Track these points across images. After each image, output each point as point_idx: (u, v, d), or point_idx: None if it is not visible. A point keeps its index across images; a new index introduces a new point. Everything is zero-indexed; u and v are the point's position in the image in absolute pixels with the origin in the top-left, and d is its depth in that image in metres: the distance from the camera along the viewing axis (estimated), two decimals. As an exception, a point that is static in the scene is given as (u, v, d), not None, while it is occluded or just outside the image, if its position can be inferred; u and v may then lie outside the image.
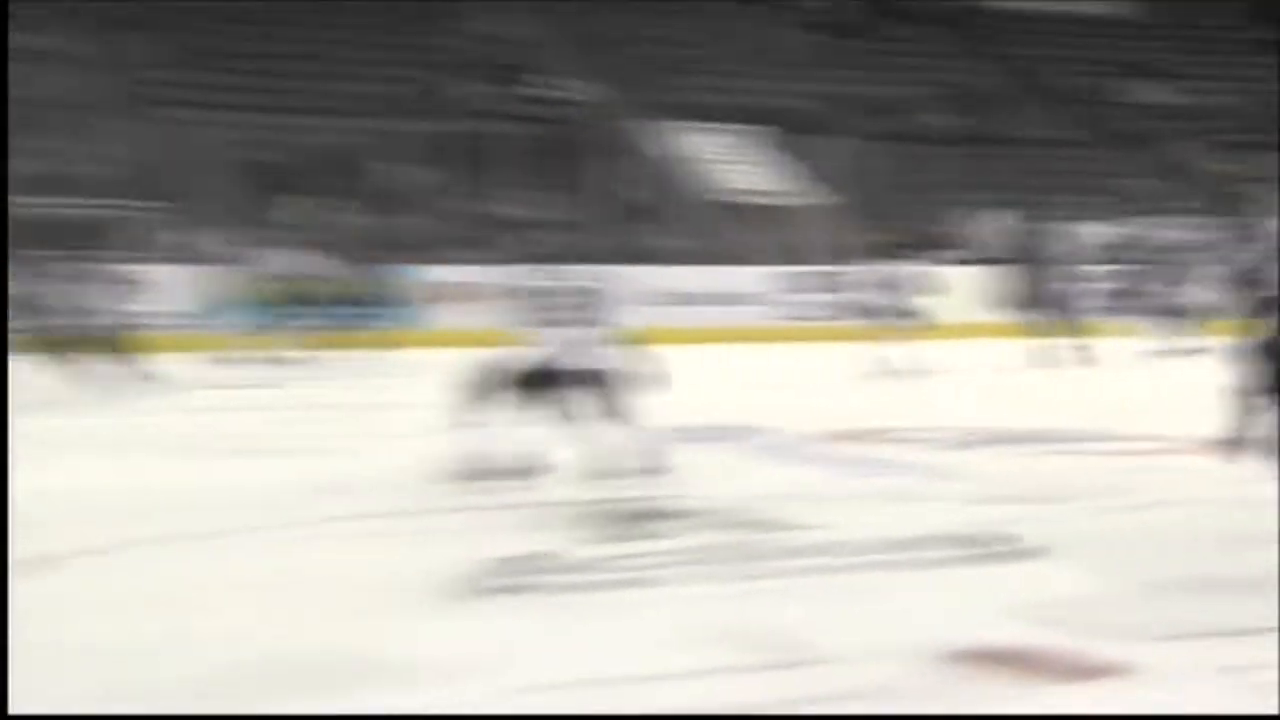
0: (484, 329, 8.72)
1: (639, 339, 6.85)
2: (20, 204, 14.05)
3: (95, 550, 5.70)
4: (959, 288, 15.05)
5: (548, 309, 6.71)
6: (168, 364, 12.70)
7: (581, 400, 6.51)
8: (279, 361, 13.62)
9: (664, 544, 5.54)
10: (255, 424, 10.38)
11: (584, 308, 6.71)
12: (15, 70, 16.43)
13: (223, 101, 18.82)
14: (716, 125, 20.85)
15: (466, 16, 22.12)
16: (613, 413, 6.45)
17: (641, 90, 21.34)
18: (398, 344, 14.81)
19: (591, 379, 6.45)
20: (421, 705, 3.64)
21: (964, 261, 17.28)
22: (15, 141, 15.05)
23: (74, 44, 19.10)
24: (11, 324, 11.91)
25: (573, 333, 6.63)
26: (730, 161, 20.51)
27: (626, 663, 3.91)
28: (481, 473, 6.63)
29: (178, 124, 18.41)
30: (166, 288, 14.79)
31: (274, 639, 4.35)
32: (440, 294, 15.99)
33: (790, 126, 20.79)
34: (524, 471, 6.59)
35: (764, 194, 19.84)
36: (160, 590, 5.10)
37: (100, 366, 11.84)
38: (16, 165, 14.87)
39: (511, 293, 7.06)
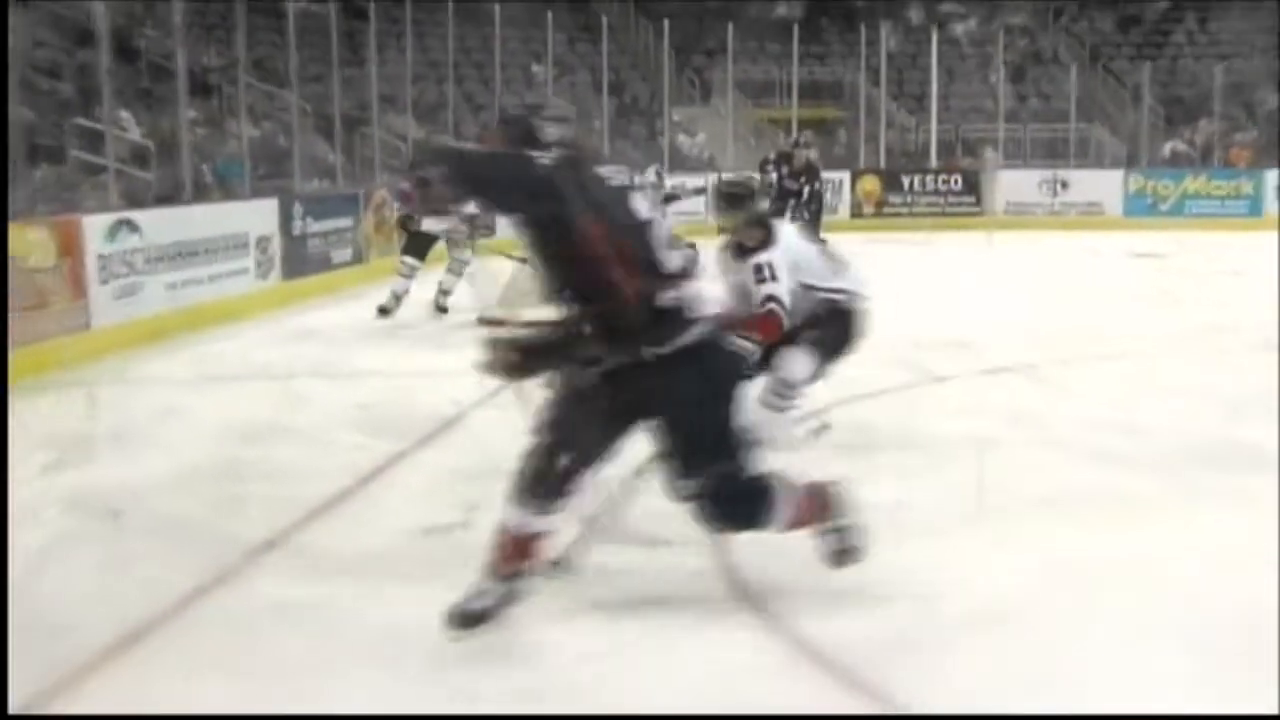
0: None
1: None
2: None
3: (1059, 361, 7.08)
4: None
5: None
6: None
7: None
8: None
9: None
10: (1158, 282, 11.44)
11: None
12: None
13: (1144, 54, 22.55)
14: None
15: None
16: None
17: None
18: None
19: None
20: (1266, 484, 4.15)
21: None
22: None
23: (1036, 20, 24.73)
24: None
25: None
26: None
27: None
28: None
29: (1113, 72, 23.07)
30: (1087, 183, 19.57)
31: (1195, 430, 5.17)
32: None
33: None
34: None
35: None
36: (1114, 394, 6.21)
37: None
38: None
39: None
